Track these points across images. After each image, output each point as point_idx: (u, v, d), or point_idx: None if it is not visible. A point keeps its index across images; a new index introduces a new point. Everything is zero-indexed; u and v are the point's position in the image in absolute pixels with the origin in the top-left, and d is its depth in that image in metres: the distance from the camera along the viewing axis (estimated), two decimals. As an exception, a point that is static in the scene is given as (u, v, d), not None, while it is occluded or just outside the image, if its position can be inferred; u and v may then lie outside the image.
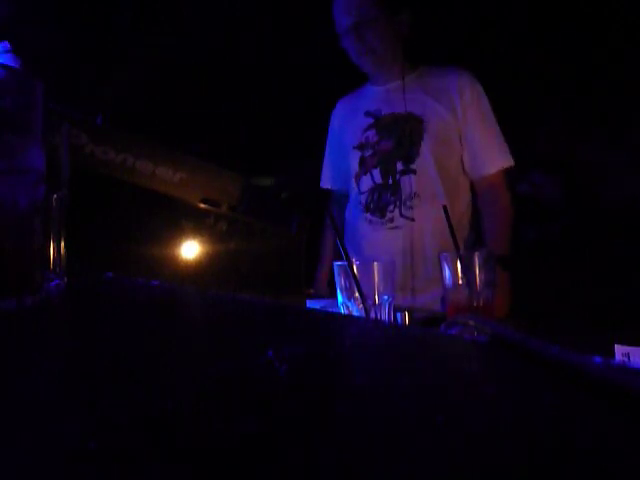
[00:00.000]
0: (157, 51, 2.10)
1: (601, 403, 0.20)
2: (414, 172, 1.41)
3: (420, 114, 1.42)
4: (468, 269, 0.77)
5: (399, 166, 1.42)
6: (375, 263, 0.76)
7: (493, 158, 1.40)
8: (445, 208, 0.84)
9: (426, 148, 1.40)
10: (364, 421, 0.18)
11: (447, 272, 0.79)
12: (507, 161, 1.41)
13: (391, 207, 1.43)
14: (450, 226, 0.82)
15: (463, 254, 0.78)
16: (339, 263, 0.76)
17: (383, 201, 1.44)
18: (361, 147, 1.50)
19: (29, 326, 0.36)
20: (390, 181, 1.43)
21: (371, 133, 1.48)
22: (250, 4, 2.08)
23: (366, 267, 0.76)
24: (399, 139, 1.43)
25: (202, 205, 0.79)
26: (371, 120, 1.50)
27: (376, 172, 1.46)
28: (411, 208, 1.40)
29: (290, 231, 0.86)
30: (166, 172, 0.76)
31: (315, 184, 1.70)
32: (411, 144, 1.42)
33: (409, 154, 1.41)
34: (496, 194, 1.42)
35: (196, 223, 0.77)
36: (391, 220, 1.43)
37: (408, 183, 1.41)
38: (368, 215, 1.46)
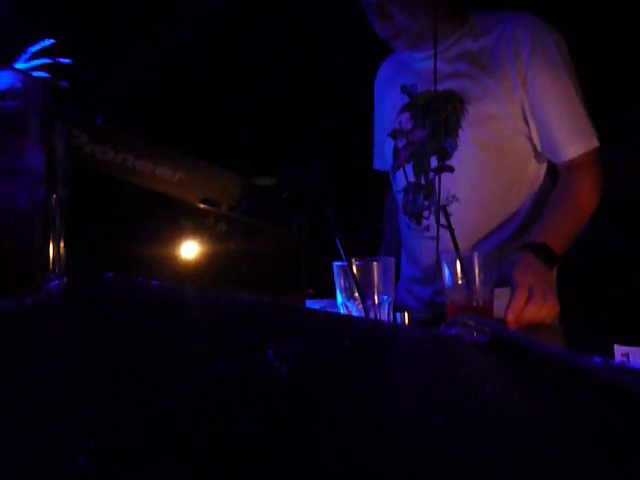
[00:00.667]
0: (157, 51, 2.10)
1: (601, 403, 0.20)
2: (451, 170, 1.10)
3: (460, 91, 1.09)
4: (467, 270, 0.77)
5: (433, 162, 1.12)
6: (375, 263, 0.76)
7: (569, 139, 1.04)
8: (444, 208, 0.83)
9: (466, 137, 1.08)
10: (364, 421, 0.18)
11: (446, 272, 0.79)
12: (588, 142, 1.04)
13: (426, 213, 1.15)
14: (449, 226, 0.82)
15: (462, 255, 0.78)
16: (339, 263, 0.76)
17: (417, 204, 1.16)
18: (394, 135, 1.21)
19: (29, 326, 0.36)
20: (423, 181, 1.15)
21: (405, 117, 1.18)
22: (250, 4, 2.08)
23: (366, 267, 0.76)
24: (434, 127, 1.12)
25: (202, 205, 0.79)
26: (406, 99, 1.19)
27: (409, 168, 1.17)
28: (449, 214, 1.10)
29: (290, 231, 0.86)
30: (166, 172, 0.76)
31: (315, 184, 1.69)
32: (447, 133, 1.11)
33: (445, 146, 1.11)
34: (571, 182, 1.06)
35: (196, 223, 0.77)
36: (427, 228, 1.14)
37: (445, 183, 1.11)
38: (406, 218, 1.19)
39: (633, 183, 1.98)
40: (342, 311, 0.77)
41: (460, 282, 0.78)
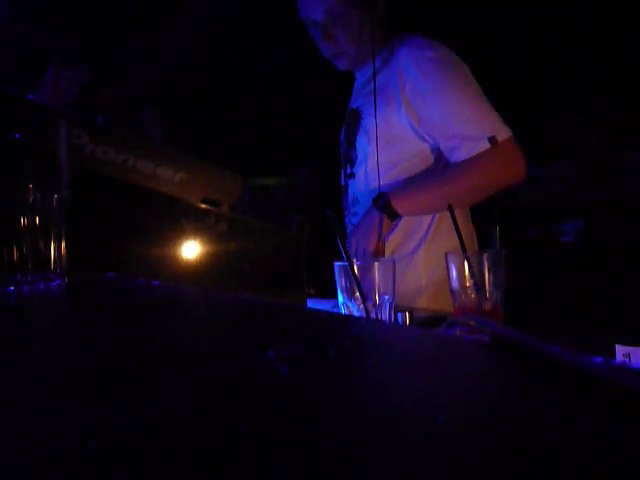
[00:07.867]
0: (158, 51, 2.10)
1: (602, 403, 0.20)
2: (354, 176, 1.30)
3: (360, 108, 1.27)
4: (476, 271, 0.75)
5: (347, 169, 1.34)
6: (375, 263, 0.76)
7: (454, 147, 1.10)
8: (450, 207, 0.83)
9: (361, 149, 1.27)
10: (364, 421, 0.18)
11: (454, 274, 0.77)
12: (470, 148, 1.08)
13: (346, 212, 1.36)
14: (455, 225, 0.81)
15: (470, 255, 0.76)
16: (339, 263, 0.76)
17: (344, 204, 1.37)
18: (341, 144, 1.42)
19: (29, 325, 0.36)
20: (343, 183, 1.37)
21: (342, 132, 1.40)
22: (251, 5, 2.08)
23: (367, 267, 0.76)
24: (347, 139, 1.35)
25: (202, 205, 0.79)
26: (346, 116, 1.40)
27: (342, 174, 1.40)
28: (354, 215, 1.29)
29: (290, 231, 0.86)
30: (166, 172, 0.76)
31: (316, 184, 1.69)
32: (350, 145, 1.31)
33: (351, 156, 1.31)
34: (453, 166, 1.13)
35: (197, 223, 0.77)
36: (348, 227, 1.35)
37: (351, 188, 1.32)
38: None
39: (633, 182, 1.97)
40: (343, 311, 0.76)
41: (468, 284, 0.75)
